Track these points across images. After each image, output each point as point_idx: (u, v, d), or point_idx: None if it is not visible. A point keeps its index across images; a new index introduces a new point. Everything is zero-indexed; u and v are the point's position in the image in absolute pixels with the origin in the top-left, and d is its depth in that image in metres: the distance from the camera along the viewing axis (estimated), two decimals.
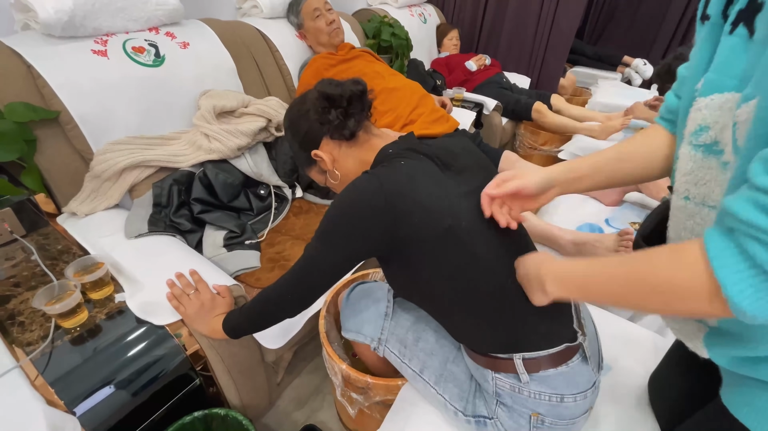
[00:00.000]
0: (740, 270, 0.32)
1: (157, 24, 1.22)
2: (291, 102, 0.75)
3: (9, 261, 0.91)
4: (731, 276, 0.33)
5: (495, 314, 0.60)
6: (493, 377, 0.61)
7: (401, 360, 0.74)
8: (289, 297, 0.67)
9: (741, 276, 0.32)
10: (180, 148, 1.14)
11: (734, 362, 0.43)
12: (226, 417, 0.85)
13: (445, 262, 0.59)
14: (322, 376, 1.21)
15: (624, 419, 0.71)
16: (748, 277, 0.32)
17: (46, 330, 0.75)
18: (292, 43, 1.64)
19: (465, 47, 2.72)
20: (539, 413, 0.59)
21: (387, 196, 0.57)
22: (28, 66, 0.96)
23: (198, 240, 1.08)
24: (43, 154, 0.98)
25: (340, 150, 0.70)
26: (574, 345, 0.60)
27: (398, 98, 1.55)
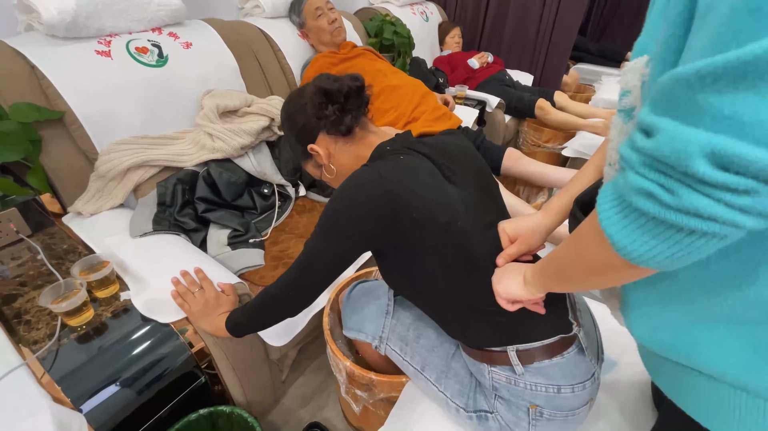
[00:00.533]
0: (610, 201, 0.32)
1: (159, 24, 1.22)
2: (289, 95, 0.75)
3: (15, 260, 0.92)
4: (603, 207, 0.33)
5: (488, 311, 0.60)
6: (489, 371, 0.61)
7: (402, 358, 0.74)
8: (289, 294, 0.66)
9: (610, 205, 0.32)
10: (184, 148, 1.14)
11: (649, 331, 0.43)
12: (231, 414, 0.85)
13: (439, 258, 0.59)
14: (327, 374, 1.21)
15: (629, 413, 0.71)
16: (614, 206, 0.32)
17: (52, 329, 0.76)
18: (294, 43, 1.64)
19: (467, 45, 2.72)
20: (537, 405, 0.59)
21: (386, 187, 0.57)
22: (32, 66, 0.97)
23: (202, 239, 1.08)
24: (48, 154, 0.99)
25: (336, 145, 0.70)
26: (569, 336, 0.60)
27: (400, 96, 1.54)
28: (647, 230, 0.29)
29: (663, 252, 0.29)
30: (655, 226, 0.29)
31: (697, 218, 0.27)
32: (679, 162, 0.26)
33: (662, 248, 0.29)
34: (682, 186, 0.26)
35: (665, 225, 0.28)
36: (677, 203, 0.27)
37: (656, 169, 0.28)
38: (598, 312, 0.76)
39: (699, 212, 0.26)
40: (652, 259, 0.30)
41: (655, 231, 0.29)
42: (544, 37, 2.44)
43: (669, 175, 0.27)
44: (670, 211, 0.27)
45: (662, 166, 0.27)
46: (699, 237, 0.28)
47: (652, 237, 0.29)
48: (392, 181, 0.57)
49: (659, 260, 0.30)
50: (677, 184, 0.27)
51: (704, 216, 0.26)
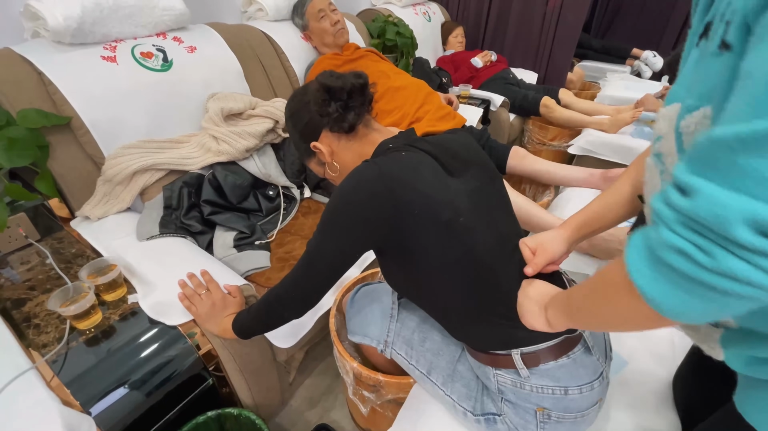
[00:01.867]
0: (640, 253, 0.32)
1: (164, 29, 1.23)
2: (293, 92, 0.75)
3: (24, 265, 0.93)
4: (633, 259, 0.32)
5: (491, 311, 0.59)
6: (494, 374, 0.60)
7: (408, 362, 0.73)
8: (293, 295, 0.66)
9: (640, 256, 0.32)
10: (189, 151, 1.15)
11: (750, 363, 0.42)
12: (239, 416, 0.85)
13: (441, 256, 0.58)
14: (334, 375, 1.21)
15: (641, 414, 0.70)
16: (644, 258, 0.31)
17: (61, 332, 0.76)
18: (298, 45, 1.65)
19: (470, 44, 2.71)
20: (544, 407, 0.58)
21: (387, 182, 0.57)
22: (39, 73, 0.98)
23: (208, 242, 1.08)
24: (55, 160, 1.00)
25: (339, 143, 0.70)
26: (574, 336, 0.58)
27: (404, 97, 1.54)
28: (680, 286, 0.29)
29: (696, 308, 0.29)
30: (689, 283, 0.29)
31: (732, 281, 0.26)
32: (719, 226, 0.25)
33: (695, 304, 0.29)
34: (719, 248, 0.26)
35: (699, 283, 0.28)
36: (713, 265, 0.26)
37: (692, 228, 0.27)
38: None
39: (735, 276, 0.26)
40: (683, 314, 0.30)
41: (687, 287, 0.29)
42: (548, 35, 2.42)
43: (706, 236, 0.27)
44: (705, 271, 0.27)
45: (699, 227, 0.27)
46: (734, 299, 0.27)
47: (685, 293, 0.29)
48: (393, 177, 0.57)
49: (692, 315, 0.30)
50: (714, 246, 0.26)
51: (741, 280, 0.26)
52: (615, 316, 0.40)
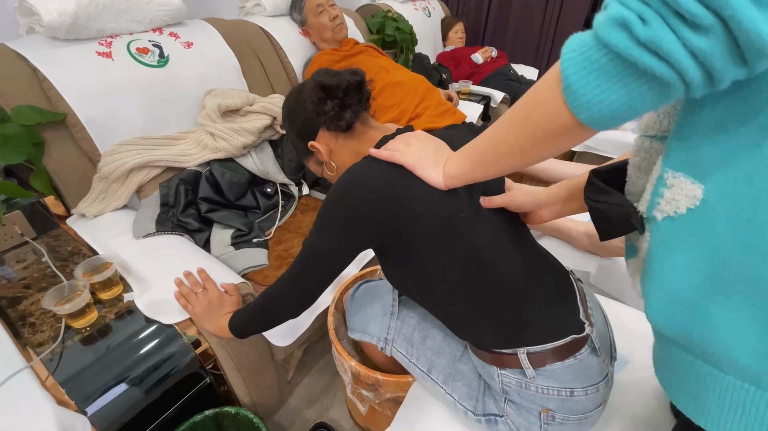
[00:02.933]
0: (577, 46, 0.32)
1: (160, 24, 1.22)
2: (289, 91, 0.74)
3: (20, 263, 0.92)
4: (569, 50, 0.33)
5: (495, 308, 0.58)
6: (498, 374, 0.59)
7: (409, 360, 0.72)
8: (289, 294, 0.65)
9: (576, 48, 0.33)
10: (186, 148, 1.14)
11: (667, 306, 0.40)
12: (236, 415, 0.85)
13: (442, 254, 0.57)
14: (333, 373, 1.21)
15: (641, 414, 0.69)
16: (579, 49, 0.32)
17: (56, 331, 0.75)
18: (296, 41, 1.63)
19: (471, 40, 2.69)
20: (549, 409, 0.57)
21: (386, 180, 0.56)
22: (33, 69, 0.97)
23: (206, 239, 1.08)
24: (51, 157, 0.99)
25: (337, 141, 0.69)
26: (582, 336, 0.57)
27: (403, 92, 1.53)
28: (603, 71, 0.31)
29: (609, 96, 0.31)
30: (613, 67, 0.31)
31: (655, 56, 0.28)
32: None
33: (610, 92, 0.31)
34: (658, 18, 0.28)
35: (623, 65, 0.30)
36: (646, 35, 0.28)
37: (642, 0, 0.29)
38: (610, 309, 0.74)
39: (660, 47, 0.28)
40: (596, 105, 0.32)
41: (610, 73, 0.31)
42: (549, 31, 2.40)
43: (650, 5, 0.28)
44: (635, 45, 0.29)
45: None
46: (646, 82, 0.30)
47: (605, 80, 0.31)
48: (392, 174, 0.56)
49: (602, 106, 0.32)
50: (655, 15, 0.28)
51: (663, 54, 0.28)
52: (528, 132, 0.40)
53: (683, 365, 0.39)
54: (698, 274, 0.35)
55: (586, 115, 0.33)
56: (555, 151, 0.41)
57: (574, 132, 0.36)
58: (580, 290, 0.64)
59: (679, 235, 0.36)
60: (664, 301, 0.39)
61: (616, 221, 0.43)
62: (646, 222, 0.40)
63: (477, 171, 0.50)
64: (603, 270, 1.08)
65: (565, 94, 0.34)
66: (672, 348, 0.40)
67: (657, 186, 0.38)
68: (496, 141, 0.46)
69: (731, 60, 0.27)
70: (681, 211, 0.36)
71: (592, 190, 0.47)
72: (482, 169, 0.49)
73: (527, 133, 0.41)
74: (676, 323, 0.38)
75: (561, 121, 0.36)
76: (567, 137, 0.37)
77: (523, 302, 0.58)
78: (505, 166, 0.47)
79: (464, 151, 0.52)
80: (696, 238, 0.35)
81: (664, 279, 0.38)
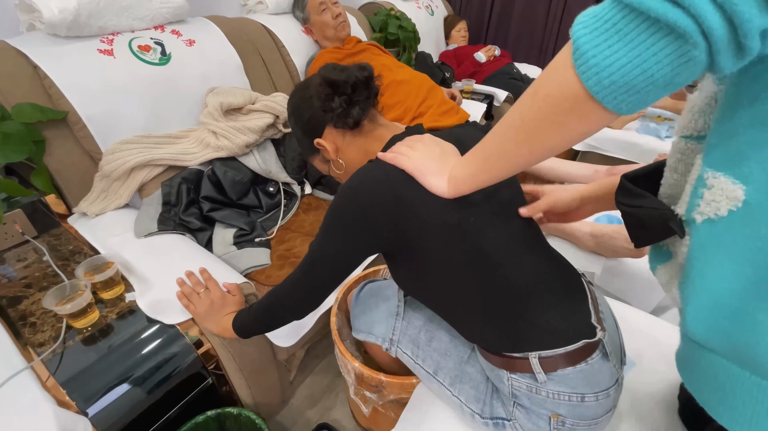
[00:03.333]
0: (590, 15, 0.31)
1: (162, 22, 1.21)
2: (294, 87, 0.73)
3: (21, 262, 0.92)
4: (581, 19, 0.32)
5: (505, 311, 0.57)
6: (508, 378, 0.58)
7: (414, 361, 0.71)
8: (294, 297, 0.64)
9: (589, 17, 0.31)
10: (188, 146, 1.13)
11: (709, 314, 0.39)
12: (239, 415, 0.84)
13: (452, 258, 0.56)
14: (335, 374, 1.20)
15: (648, 417, 0.68)
16: (592, 18, 0.31)
17: (57, 331, 0.75)
18: (298, 39, 1.62)
19: (473, 38, 2.68)
20: (559, 414, 0.56)
21: (392, 183, 0.54)
22: (34, 66, 0.96)
23: (208, 239, 1.07)
24: (52, 155, 0.98)
25: (344, 139, 0.68)
26: (594, 341, 0.56)
27: (406, 91, 1.52)
28: (616, 30, 0.29)
29: (620, 57, 0.29)
30: (626, 24, 0.29)
31: (670, 2, 0.26)
32: None
33: (622, 52, 0.29)
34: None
35: (637, 20, 0.28)
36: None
37: None
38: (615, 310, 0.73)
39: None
40: (606, 68, 0.30)
41: (623, 32, 0.29)
42: (552, 29, 2.39)
43: None
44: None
45: None
46: (661, 38, 0.28)
47: (617, 40, 0.29)
48: (400, 179, 0.55)
49: (612, 70, 0.30)
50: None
51: (683, 4, 0.26)
52: (535, 109, 0.38)
53: (725, 376, 0.37)
54: (742, 280, 0.34)
55: (595, 81, 0.31)
56: (562, 138, 0.37)
57: (583, 107, 0.33)
58: (591, 293, 0.62)
59: (720, 239, 0.35)
60: (705, 309, 0.37)
61: (652, 226, 0.41)
62: (685, 225, 0.38)
63: (483, 171, 0.48)
64: (608, 271, 1.07)
65: (575, 58, 0.32)
66: (711, 357, 0.38)
67: (696, 187, 0.36)
68: (503, 129, 0.43)
69: (756, 4, 0.25)
70: (722, 212, 0.34)
71: (625, 194, 0.44)
72: (488, 168, 0.47)
73: (534, 110, 0.38)
74: (719, 332, 0.36)
75: (569, 91, 0.33)
76: (576, 114, 0.34)
77: (534, 305, 0.57)
78: (511, 159, 0.43)
79: (472, 151, 0.50)
80: (738, 242, 0.34)
81: (705, 285, 0.36)
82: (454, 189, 0.52)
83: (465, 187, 0.51)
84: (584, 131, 0.36)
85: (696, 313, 0.37)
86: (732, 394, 0.37)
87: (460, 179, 0.51)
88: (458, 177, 0.51)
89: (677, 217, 0.39)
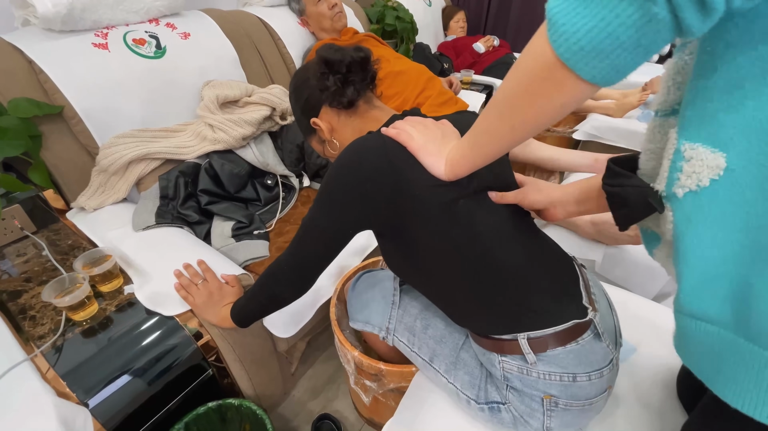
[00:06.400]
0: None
1: (156, 15, 1.20)
2: (297, 69, 0.73)
3: (20, 257, 0.92)
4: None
5: (494, 294, 0.57)
6: (499, 361, 0.58)
7: (411, 349, 0.71)
8: (285, 269, 0.64)
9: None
10: (185, 140, 1.12)
11: (706, 281, 0.39)
12: (240, 407, 0.85)
13: (441, 239, 0.56)
14: (337, 365, 1.20)
15: (648, 402, 0.68)
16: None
17: (57, 324, 0.75)
18: (295, 31, 1.61)
19: (472, 29, 2.65)
20: (552, 395, 0.55)
21: (391, 156, 0.54)
22: (29, 61, 0.95)
23: (206, 232, 1.07)
24: (49, 150, 0.98)
25: (339, 119, 0.68)
26: (584, 321, 0.56)
27: (404, 82, 1.51)
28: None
29: (587, 22, 0.30)
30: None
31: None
32: None
33: (589, 17, 0.30)
34: None
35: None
36: None
37: None
38: (616, 297, 0.72)
39: None
40: (573, 33, 0.31)
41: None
42: None
43: None
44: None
45: None
46: (629, 5, 0.28)
47: (585, 6, 0.30)
48: (397, 152, 0.54)
49: (579, 35, 0.31)
50: None
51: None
52: (514, 82, 0.39)
53: (721, 345, 0.37)
54: (733, 246, 0.34)
55: (565, 48, 0.32)
56: (540, 110, 0.38)
57: (556, 75, 0.34)
58: (583, 275, 0.62)
59: (705, 209, 0.35)
60: (699, 280, 0.37)
61: (634, 203, 0.41)
62: (667, 201, 0.38)
63: (473, 150, 0.48)
64: (609, 258, 1.06)
65: (548, 28, 0.33)
66: (706, 328, 0.38)
67: (674, 161, 0.36)
68: (488, 107, 0.44)
69: None
70: (704, 183, 0.34)
71: (610, 175, 0.46)
72: (477, 146, 0.48)
73: (513, 83, 0.39)
74: (714, 301, 0.36)
75: (543, 60, 0.34)
76: (550, 83, 0.35)
77: (523, 288, 0.56)
78: (495, 135, 0.44)
79: (466, 134, 0.50)
80: (725, 209, 0.34)
81: (697, 256, 0.36)
82: (451, 170, 0.52)
83: (460, 168, 0.51)
84: (561, 102, 0.36)
85: (690, 286, 0.37)
86: (728, 363, 0.37)
87: (455, 161, 0.51)
88: (454, 158, 0.52)
89: (656, 193, 0.40)
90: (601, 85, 0.33)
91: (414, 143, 0.54)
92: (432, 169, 0.53)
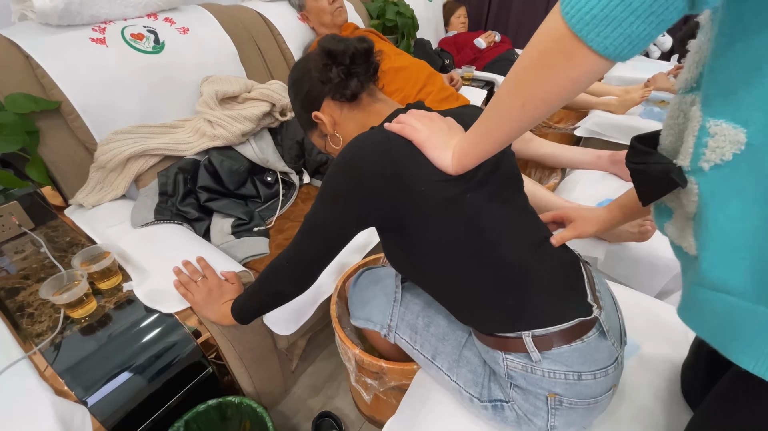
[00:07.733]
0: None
1: (155, 10, 1.19)
2: (296, 61, 0.72)
3: (18, 254, 0.91)
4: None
5: (498, 292, 0.56)
6: (503, 358, 0.57)
7: (413, 347, 0.71)
8: (286, 265, 0.63)
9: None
10: (184, 136, 1.12)
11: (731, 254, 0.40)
12: (240, 405, 0.84)
13: (446, 234, 0.55)
14: (337, 363, 1.20)
15: (652, 399, 0.67)
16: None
17: (55, 321, 0.74)
18: (295, 26, 1.60)
19: (473, 25, 2.64)
20: (556, 393, 0.55)
21: (395, 152, 0.53)
22: (26, 56, 0.94)
23: (206, 229, 1.06)
24: (47, 146, 0.97)
25: (342, 112, 0.66)
26: (589, 319, 0.55)
27: (405, 77, 1.50)
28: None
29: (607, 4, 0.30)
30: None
31: None
32: None
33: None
34: None
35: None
36: None
37: None
38: (619, 294, 0.72)
39: None
40: (587, 2, 0.31)
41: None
42: None
43: None
44: None
45: None
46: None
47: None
48: (401, 147, 0.53)
49: (593, 3, 0.31)
50: None
51: None
52: (526, 58, 0.39)
53: (739, 314, 0.38)
54: (754, 217, 0.35)
55: (577, 19, 0.32)
56: (552, 84, 0.38)
57: (568, 45, 0.34)
58: (588, 273, 0.62)
59: (728, 182, 0.36)
60: (722, 251, 0.38)
61: (657, 179, 0.42)
62: (692, 175, 0.39)
63: (483, 136, 0.48)
64: (612, 256, 1.06)
65: (561, 2, 0.34)
66: (726, 299, 0.39)
67: (699, 137, 0.38)
68: (499, 90, 0.44)
69: None
70: (727, 157, 0.35)
71: (633, 153, 0.46)
72: (487, 132, 0.47)
73: (525, 59, 0.39)
74: (735, 272, 0.37)
75: (555, 32, 0.35)
76: (562, 55, 0.35)
77: (528, 286, 0.56)
78: (505, 116, 0.44)
79: (474, 124, 0.49)
80: (745, 183, 0.35)
81: (719, 227, 0.37)
82: (458, 162, 0.51)
83: (467, 159, 0.50)
84: (572, 76, 0.36)
85: (713, 257, 0.39)
86: (745, 330, 0.37)
87: (464, 151, 0.51)
88: (461, 148, 0.51)
89: (679, 169, 0.41)
90: (612, 59, 0.34)
91: (419, 135, 0.53)
92: (438, 162, 0.52)
